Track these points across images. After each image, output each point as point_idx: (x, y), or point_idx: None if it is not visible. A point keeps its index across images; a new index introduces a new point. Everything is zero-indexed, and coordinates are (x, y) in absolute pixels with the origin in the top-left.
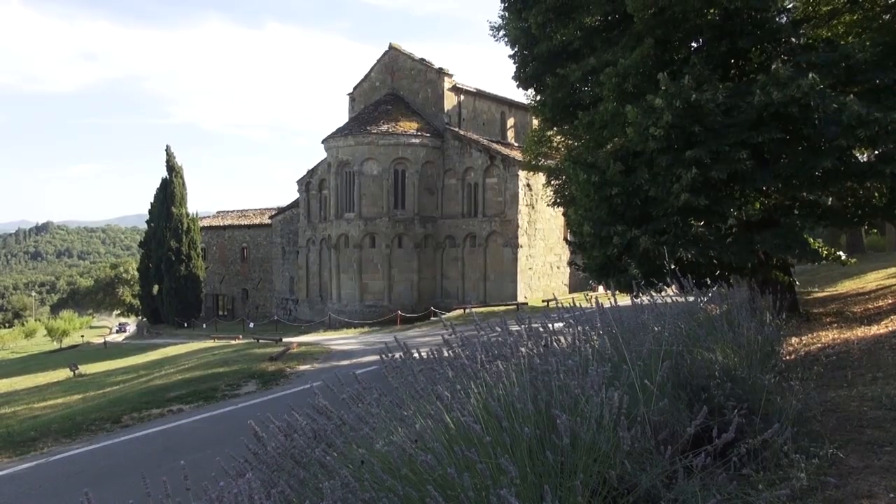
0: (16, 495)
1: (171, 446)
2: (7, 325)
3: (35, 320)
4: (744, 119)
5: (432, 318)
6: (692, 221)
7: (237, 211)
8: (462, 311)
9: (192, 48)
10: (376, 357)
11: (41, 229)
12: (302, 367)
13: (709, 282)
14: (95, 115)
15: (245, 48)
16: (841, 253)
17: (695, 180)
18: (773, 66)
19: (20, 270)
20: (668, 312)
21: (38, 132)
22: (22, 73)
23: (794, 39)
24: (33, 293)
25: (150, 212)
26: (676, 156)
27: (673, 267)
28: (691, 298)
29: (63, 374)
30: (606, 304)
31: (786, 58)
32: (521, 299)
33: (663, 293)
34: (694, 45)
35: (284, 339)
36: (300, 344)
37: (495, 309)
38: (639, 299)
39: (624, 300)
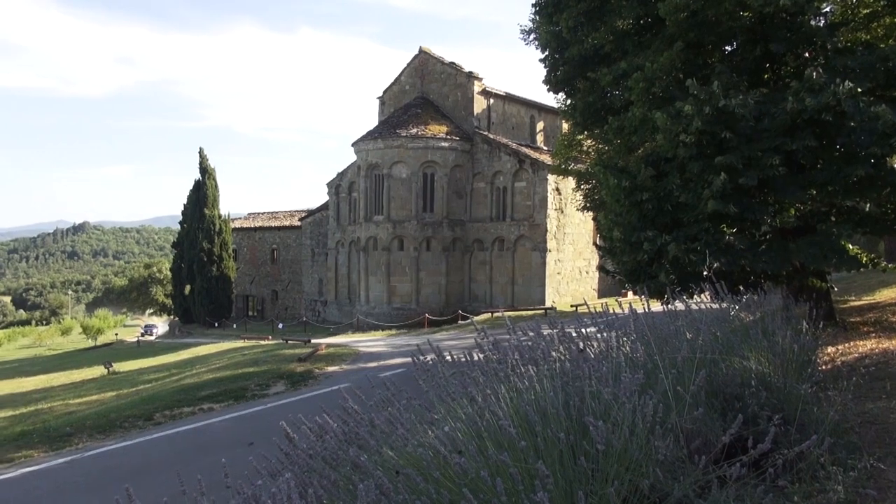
0: (52, 490)
1: (202, 444)
2: (44, 322)
3: (71, 318)
4: (777, 125)
5: (460, 322)
6: (724, 229)
7: (267, 213)
8: (490, 315)
9: (226, 52)
10: (404, 360)
11: (78, 229)
12: (330, 369)
13: (741, 289)
14: (131, 118)
15: (277, 52)
16: (881, 260)
17: (724, 187)
18: (807, 72)
19: (57, 269)
20: (703, 319)
21: (76, 134)
22: (61, 76)
23: (829, 45)
24: (69, 292)
25: (184, 213)
26: (707, 162)
27: (706, 273)
28: (723, 305)
29: (98, 371)
30: (639, 310)
31: (823, 62)
32: (549, 304)
33: (695, 299)
34: (727, 48)
35: (313, 341)
36: (329, 345)
37: (523, 313)
38: (671, 305)
39: (655, 306)
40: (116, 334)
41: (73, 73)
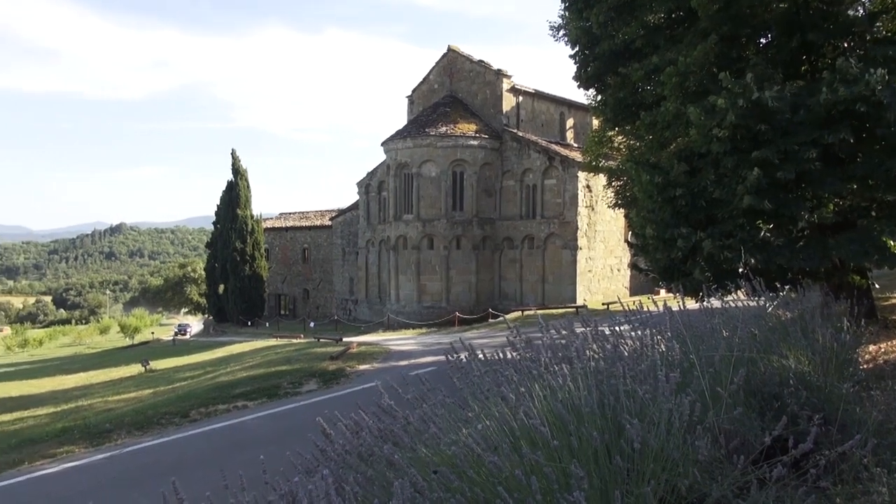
0: (92, 485)
1: (237, 441)
2: (84, 321)
3: (109, 317)
4: (813, 118)
5: (490, 320)
6: (760, 225)
7: (298, 212)
8: (520, 313)
9: (255, 54)
10: (434, 358)
11: (115, 230)
12: (361, 367)
13: (779, 286)
14: (165, 120)
15: (305, 53)
16: None
17: (759, 182)
18: (839, 62)
19: (95, 269)
20: (739, 317)
21: (112, 137)
22: (98, 81)
23: (868, 34)
24: (107, 291)
25: (217, 213)
26: (742, 157)
27: (742, 270)
28: (760, 303)
29: (135, 369)
30: (674, 308)
31: (861, 52)
32: (580, 302)
33: (730, 297)
34: (762, 41)
35: (344, 339)
36: (360, 344)
37: (554, 311)
38: (706, 303)
39: (689, 304)
40: (153, 333)
41: (110, 77)
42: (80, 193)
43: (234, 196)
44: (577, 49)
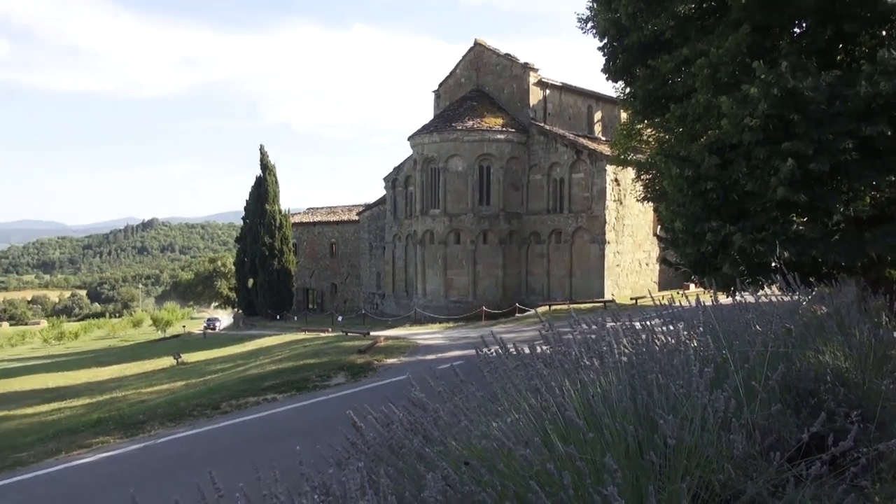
0: (127, 474)
1: (267, 433)
2: (117, 314)
3: (141, 311)
4: (850, 109)
5: (517, 315)
6: (793, 218)
7: (326, 207)
8: (547, 307)
9: (284, 51)
10: (462, 352)
11: (147, 226)
12: (389, 361)
13: (813, 280)
14: (195, 118)
15: (332, 50)
16: None
17: (792, 173)
18: (880, 54)
19: (128, 264)
20: (773, 312)
21: (144, 135)
22: (129, 79)
23: None
24: (140, 285)
25: (246, 209)
26: (775, 147)
27: (775, 265)
28: (794, 297)
29: (167, 361)
30: (706, 302)
31: None
32: (608, 297)
33: (763, 291)
34: (796, 30)
35: (372, 333)
36: (387, 338)
37: (581, 306)
38: (738, 297)
39: (721, 299)
40: (184, 326)
41: (141, 75)
42: (113, 190)
43: (263, 191)
44: (605, 41)
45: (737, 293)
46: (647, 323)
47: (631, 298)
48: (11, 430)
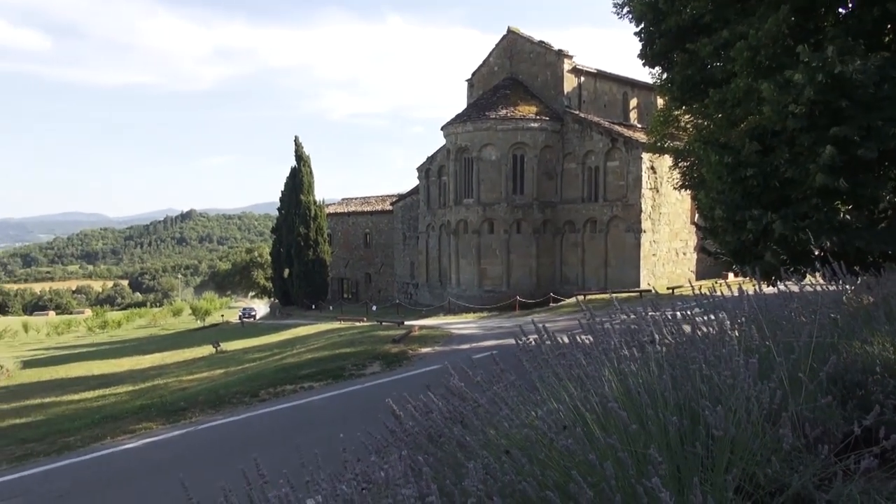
0: (172, 458)
1: (304, 420)
2: (158, 304)
3: (181, 300)
4: None
5: (551, 305)
6: (838, 206)
7: (360, 198)
8: (582, 297)
9: (318, 43)
10: (496, 342)
11: (185, 217)
12: (423, 350)
13: (858, 269)
14: (231, 110)
15: (367, 40)
16: None
17: (833, 160)
18: None
19: (168, 254)
20: (818, 302)
21: (181, 127)
22: (167, 73)
23: None
24: (179, 275)
25: (281, 199)
26: (820, 134)
27: (817, 253)
28: (838, 287)
29: (206, 350)
30: (748, 292)
31: None
32: (643, 286)
33: (806, 281)
34: (841, 11)
35: (406, 323)
36: (421, 327)
37: (616, 296)
38: (780, 287)
39: (760, 288)
40: (222, 316)
41: (178, 69)
42: (153, 182)
43: (298, 182)
44: (641, 26)
45: (779, 282)
46: (688, 312)
47: (667, 288)
48: (59, 415)
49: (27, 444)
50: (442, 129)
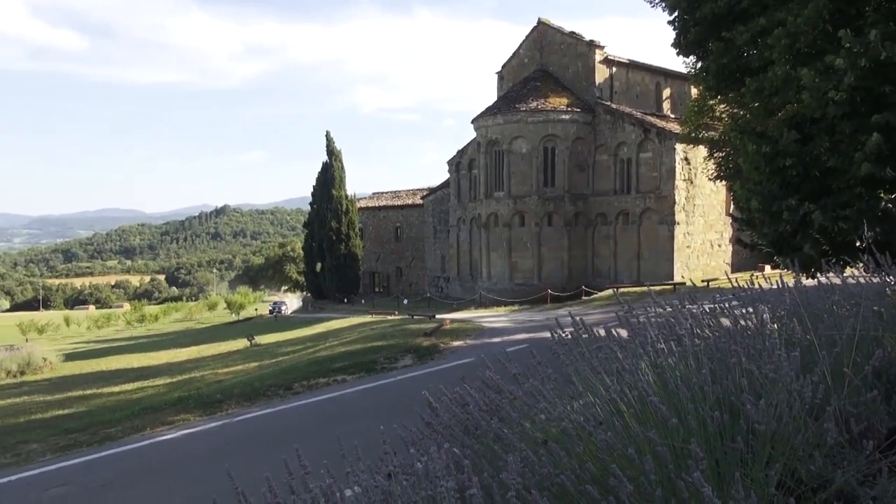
0: (209, 450)
1: (338, 413)
2: (193, 298)
3: (216, 294)
4: None
5: (583, 298)
6: (881, 195)
7: (391, 192)
8: (614, 290)
9: (347, 38)
10: (528, 335)
11: (219, 212)
12: (455, 343)
13: None
14: (262, 106)
15: (395, 35)
16: None
17: (879, 147)
18: None
19: (203, 249)
20: (861, 294)
21: (214, 124)
22: (200, 71)
23: None
24: (214, 270)
25: (313, 194)
26: (862, 121)
27: (859, 244)
28: (882, 279)
29: (241, 343)
30: (789, 283)
31: None
32: (677, 279)
33: (848, 272)
34: None
35: (437, 316)
36: (452, 321)
37: (652, 289)
38: (821, 279)
39: (800, 280)
40: (256, 309)
41: (211, 66)
42: (187, 178)
43: (329, 177)
44: (675, 14)
45: (818, 274)
46: (726, 305)
47: (702, 281)
48: (101, 407)
49: (71, 434)
50: (472, 122)
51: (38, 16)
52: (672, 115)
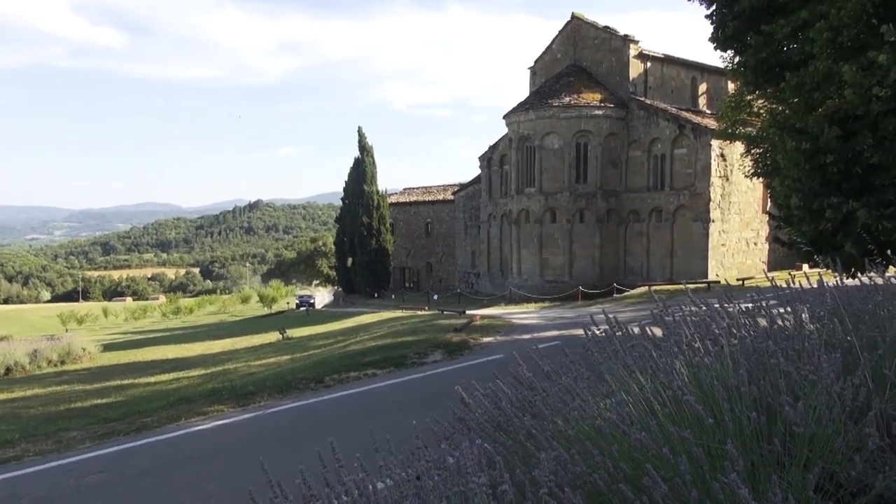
0: (243, 442)
1: (369, 407)
2: (227, 291)
3: (249, 288)
4: None
5: (615, 295)
6: None
7: (421, 188)
8: (647, 288)
9: (379, 34)
10: (558, 332)
11: (253, 207)
12: (485, 339)
13: None
14: (295, 102)
15: (427, 30)
16: None
17: None
18: None
19: (236, 243)
20: None
21: (248, 119)
22: (234, 67)
23: None
24: (247, 264)
25: (345, 189)
26: None
27: None
28: None
29: (273, 336)
30: (830, 283)
31: None
32: (712, 277)
33: (890, 272)
34: None
35: (467, 312)
36: (482, 317)
37: (683, 287)
38: (863, 278)
39: (842, 280)
40: (288, 303)
41: (245, 62)
42: (222, 173)
43: (361, 172)
44: (713, 8)
45: (860, 273)
46: (762, 304)
47: (737, 279)
48: (137, 397)
49: (109, 423)
50: (504, 117)
51: (79, 14)
52: (708, 111)
